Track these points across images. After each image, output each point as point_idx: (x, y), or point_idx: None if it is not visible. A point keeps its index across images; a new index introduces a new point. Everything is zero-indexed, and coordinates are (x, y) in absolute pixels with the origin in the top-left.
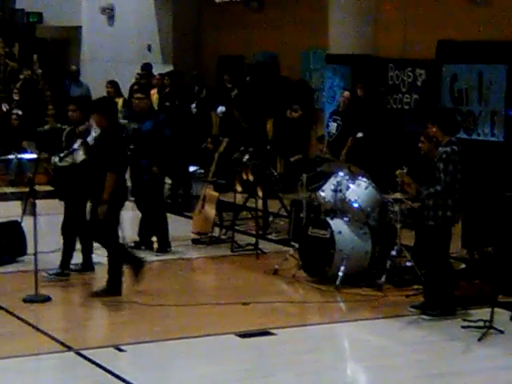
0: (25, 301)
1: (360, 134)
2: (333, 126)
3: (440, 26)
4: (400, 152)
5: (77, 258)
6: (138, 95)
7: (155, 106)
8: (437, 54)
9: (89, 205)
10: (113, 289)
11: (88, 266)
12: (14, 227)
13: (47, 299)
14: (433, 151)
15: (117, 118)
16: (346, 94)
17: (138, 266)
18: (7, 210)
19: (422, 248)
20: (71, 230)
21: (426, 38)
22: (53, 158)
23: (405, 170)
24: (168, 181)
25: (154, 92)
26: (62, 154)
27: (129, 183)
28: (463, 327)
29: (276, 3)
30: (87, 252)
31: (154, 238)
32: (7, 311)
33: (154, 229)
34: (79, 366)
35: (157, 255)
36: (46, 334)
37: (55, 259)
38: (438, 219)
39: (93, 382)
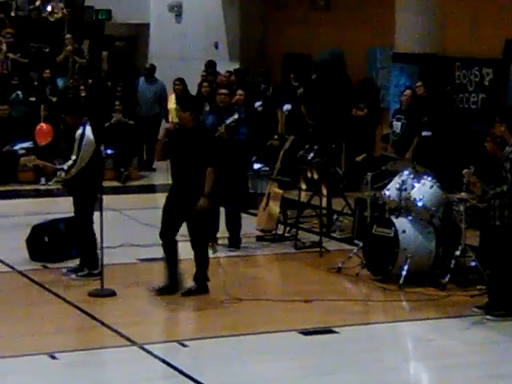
0: (90, 295)
1: (427, 133)
2: (397, 125)
3: (508, 24)
4: (466, 151)
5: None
6: (223, 91)
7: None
8: (504, 53)
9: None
10: (203, 287)
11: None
12: None
13: (112, 294)
14: (498, 151)
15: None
16: (408, 92)
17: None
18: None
19: (488, 248)
20: (85, 228)
21: (493, 37)
22: (58, 172)
23: (471, 170)
24: None
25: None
26: (65, 166)
27: None
28: None
29: (342, 1)
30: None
31: (218, 235)
32: (73, 305)
33: (231, 224)
34: (143, 360)
35: (230, 250)
36: (110, 328)
37: (121, 254)
38: (504, 219)
39: (156, 376)
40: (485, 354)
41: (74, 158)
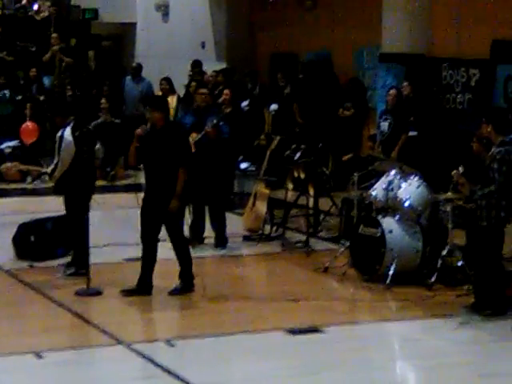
0: (77, 294)
1: (413, 133)
2: (384, 125)
3: (495, 25)
4: (453, 152)
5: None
6: (203, 90)
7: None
8: (491, 54)
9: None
10: (188, 285)
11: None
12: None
13: (98, 293)
14: (483, 152)
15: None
16: (393, 92)
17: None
18: (61, 204)
19: (474, 248)
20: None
21: (480, 38)
22: (43, 176)
23: (461, 171)
24: None
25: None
26: (48, 170)
27: None
28: None
29: (329, 1)
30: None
31: (207, 234)
32: (59, 304)
33: (215, 223)
34: (129, 359)
35: (219, 250)
36: (96, 327)
37: (108, 253)
38: (491, 219)
39: (143, 375)
40: (473, 354)
41: (55, 161)
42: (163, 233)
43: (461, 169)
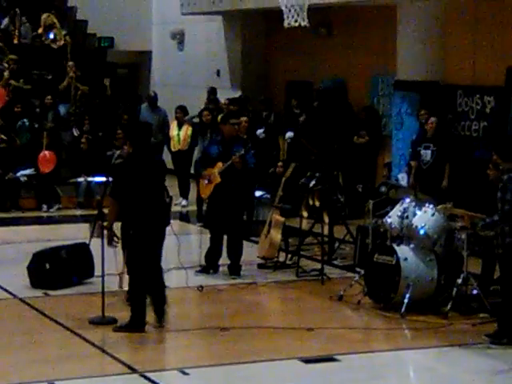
0: (91, 322)
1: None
2: (427, 154)
3: (509, 52)
4: (469, 179)
5: None
6: (234, 121)
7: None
8: (506, 82)
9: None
10: (136, 323)
11: None
12: (83, 249)
13: (113, 321)
14: (499, 179)
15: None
16: (433, 119)
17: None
18: (76, 232)
19: (491, 276)
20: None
21: (495, 65)
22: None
23: (450, 205)
24: None
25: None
26: None
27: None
28: None
29: (344, 29)
30: None
31: (220, 262)
32: (74, 332)
33: (232, 251)
34: None
35: (234, 278)
36: (111, 355)
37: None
38: (505, 247)
39: None
40: (487, 383)
41: None
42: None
43: (448, 204)
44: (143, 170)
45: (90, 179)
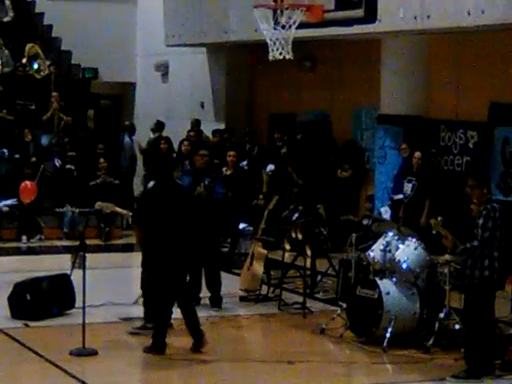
0: (71, 354)
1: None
2: (408, 187)
3: (492, 87)
4: (451, 213)
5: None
6: (204, 152)
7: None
8: (489, 117)
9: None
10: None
11: None
12: (64, 280)
13: (93, 353)
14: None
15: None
16: (418, 154)
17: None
18: (59, 263)
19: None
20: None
21: (478, 100)
22: None
23: (439, 220)
24: None
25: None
26: None
27: None
28: None
29: (328, 62)
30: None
31: (201, 294)
32: (54, 364)
33: (211, 284)
34: None
35: (216, 310)
36: None
37: (103, 313)
38: (474, 279)
39: None
40: None
41: None
42: None
43: (439, 218)
44: (168, 198)
45: (73, 210)
